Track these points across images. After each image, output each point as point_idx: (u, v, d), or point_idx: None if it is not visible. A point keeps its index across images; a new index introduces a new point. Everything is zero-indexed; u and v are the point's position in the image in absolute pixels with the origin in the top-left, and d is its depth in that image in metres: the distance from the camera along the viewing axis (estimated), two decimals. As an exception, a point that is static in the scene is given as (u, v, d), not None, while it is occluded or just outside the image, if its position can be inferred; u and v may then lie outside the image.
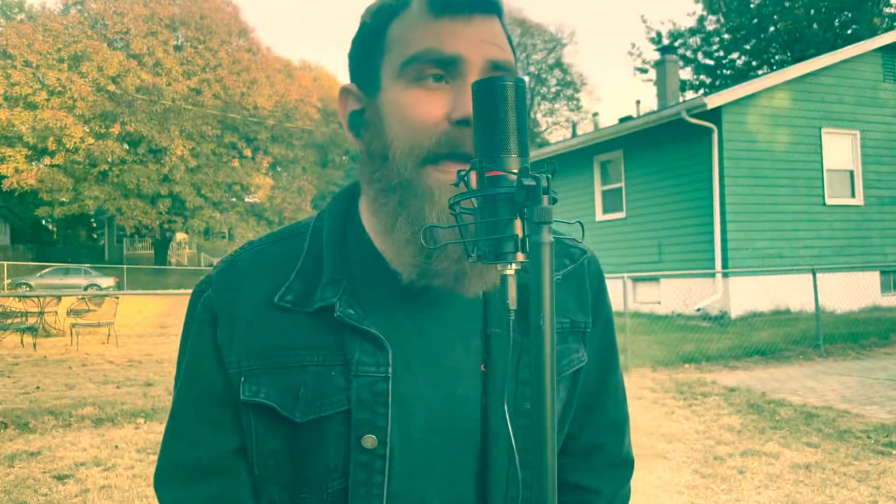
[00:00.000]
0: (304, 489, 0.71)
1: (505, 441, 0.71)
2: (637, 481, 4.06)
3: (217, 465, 0.74)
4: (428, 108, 0.67)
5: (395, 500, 0.69)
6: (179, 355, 0.79)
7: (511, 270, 0.55)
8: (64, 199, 32.07)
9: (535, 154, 15.16)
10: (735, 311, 11.20)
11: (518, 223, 0.54)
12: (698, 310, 11.51)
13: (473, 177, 0.58)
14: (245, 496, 0.74)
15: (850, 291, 11.58)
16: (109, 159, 30.74)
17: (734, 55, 29.06)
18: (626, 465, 0.92)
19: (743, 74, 27.71)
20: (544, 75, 43.83)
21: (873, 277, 12.48)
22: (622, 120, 16.00)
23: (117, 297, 12.14)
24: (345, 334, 0.69)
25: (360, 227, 0.77)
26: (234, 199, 34.89)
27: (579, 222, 0.66)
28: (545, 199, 0.51)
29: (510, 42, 0.75)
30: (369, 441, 0.68)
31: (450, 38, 0.67)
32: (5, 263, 27.91)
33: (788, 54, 26.39)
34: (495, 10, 0.71)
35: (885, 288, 12.73)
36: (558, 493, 0.81)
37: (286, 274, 0.73)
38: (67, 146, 29.80)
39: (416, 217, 0.67)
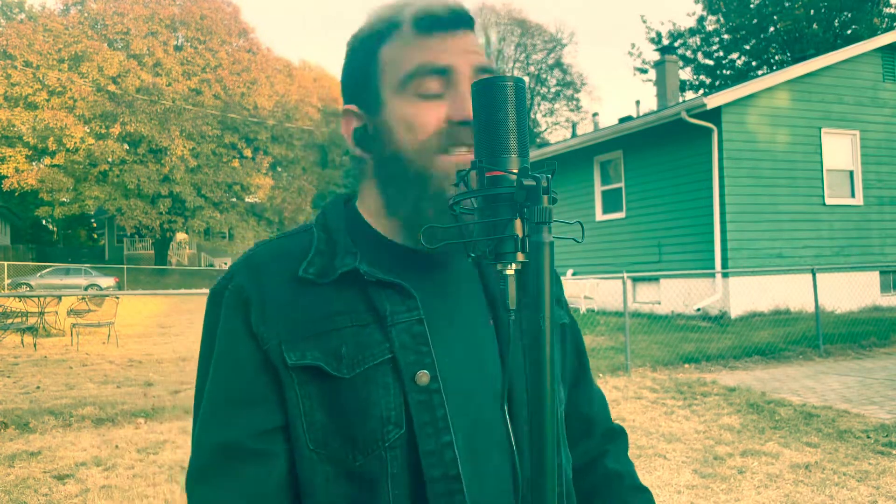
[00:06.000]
0: (358, 454, 0.71)
1: (519, 393, 0.78)
2: (637, 481, 4.06)
3: (252, 446, 0.73)
4: (431, 114, 0.76)
5: (458, 434, 0.73)
6: (203, 351, 0.80)
7: (511, 270, 0.55)
8: (64, 199, 32.09)
9: (535, 154, 15.16)
10: (735, 311, 11.20)
11: (518, 223, 0.54)
12: (698, 310, 11.51)
13: (473, 177, 0.58)
14: (280, 481, 0.74)
15: (850, 291, 11.59)
16: (109, 159, 30.76)
17: (734, 55, 29.06)
18: (622, 432, 1.02)
19: (743, 74, 27.71)
20: (544, 75, 43.84)
21: (873, 277, 12.48)
22: (622, 120, 16.00)
23: (117, 297, 12.14)
24: (370, 292, 0.75)
25: (364, 221, 0.83)
26: (234, 199, 34.91)
27: (579, 222, 0.66)
28: (545, 199, 0.52)
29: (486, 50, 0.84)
30: (423, 377, 0.72)
31: (440, 52, 0.77)
32: (5, 263, 27.91)
33: (788, 54, 26.38)
34: (472, 24, 0.81)
35: (885, 288, 12.74)
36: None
37: (304, 255, 0.78)
38: (68, 146, 29.81)
39: (438, 197, 0.74)
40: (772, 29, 27.22)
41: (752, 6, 27.19)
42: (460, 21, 0.79)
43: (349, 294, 0.75)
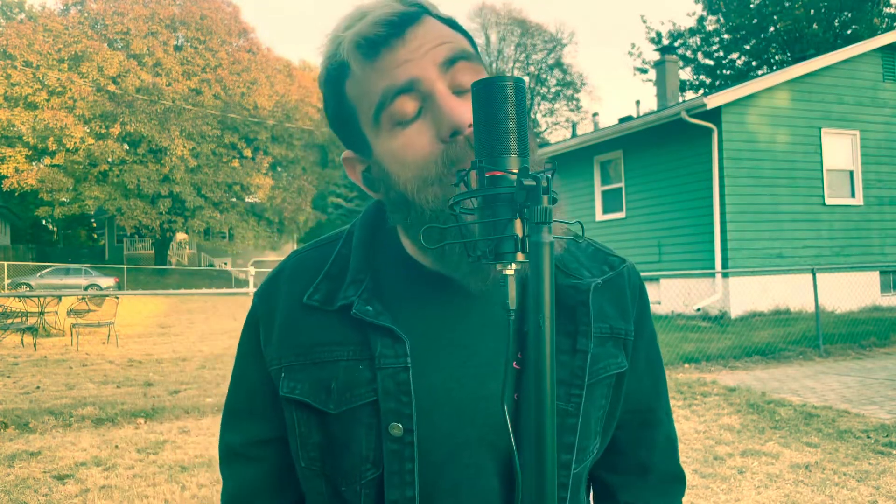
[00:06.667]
0: (341, 481, 0.74)
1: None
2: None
3: (244, 451, 0.83)
4: (417, 141, 0.69)
5: (427, 489, 0.71)
6: None
7: (511, 270, 0.55)
8: (64, 199, 32.07)
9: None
10: (735, 311, 11.20)
11: (518, 223, 0.54)
12: (698, 310, 11.51)
13: (473, 176, 0.58)
14: (268, 483, 0.83)
15: (850, 291, 11.58)
16: (109, 159, 30.74)
17: (734, 55, 29.05)
18: (680, 479, 0.91)
19: (743, 74, 27.71)
20: (544, 75, 43.83)
21: (873, 277, 12.48)
22: (622, 120, 16.00)
23: (117, 297, 12.14)
24: (367, 330, 0.73)
25: (393, 231, 0.80)
26: (234, 199, 34.88)
27: (579, 222, 0.66)
28: (545, 199, 0.51)
29: (454, 24, 0.75)
30: (396, 429, 0.70)
31: (395, 69, 0.69)
32: (5, 263, 27.91)
33: (788, 54, 26.38)
34: (421, 13, 0.71)
35: (885, 288, 12.73)
36: None
37: (317, 276, 0.79)
38: (67, 146, 29.80)
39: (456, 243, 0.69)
40: (772, 29, 27.21)
41: (752, 6, 27.18)
42: (402, 23, 0.69)
43: (349, 325, 0.73)
